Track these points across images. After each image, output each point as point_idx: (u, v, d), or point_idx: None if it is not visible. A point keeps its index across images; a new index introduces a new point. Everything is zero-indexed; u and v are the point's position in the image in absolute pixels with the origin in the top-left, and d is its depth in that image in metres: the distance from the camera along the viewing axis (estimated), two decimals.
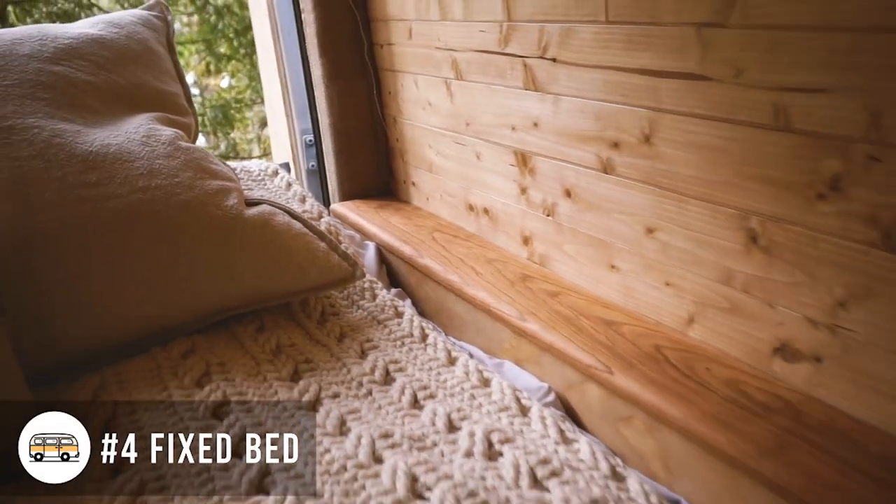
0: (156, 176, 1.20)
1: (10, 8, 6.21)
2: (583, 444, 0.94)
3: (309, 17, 1.80)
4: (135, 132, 1.26)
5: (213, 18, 6.40)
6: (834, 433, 0.85)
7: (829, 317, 0.87)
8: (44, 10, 6.64)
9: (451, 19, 1.44)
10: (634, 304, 1.17)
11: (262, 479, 0.87)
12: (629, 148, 1.09)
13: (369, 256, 1.65)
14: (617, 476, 0.88)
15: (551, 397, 1.13)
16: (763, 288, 0.94)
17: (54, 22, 6.59)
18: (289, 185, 1.76)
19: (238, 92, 7.21)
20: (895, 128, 0.74)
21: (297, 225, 1.33)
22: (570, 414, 1.13)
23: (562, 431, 0.97)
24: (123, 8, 7.19)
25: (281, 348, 1.21)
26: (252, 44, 6.94)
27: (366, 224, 1.75)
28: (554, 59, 1.19)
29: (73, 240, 1.10)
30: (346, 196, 1.93)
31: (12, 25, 6.14)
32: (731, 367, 1.00)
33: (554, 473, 0.86)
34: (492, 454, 0.91)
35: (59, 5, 6.72)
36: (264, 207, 1.31)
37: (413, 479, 0.85)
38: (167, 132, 1.30)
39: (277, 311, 1.32)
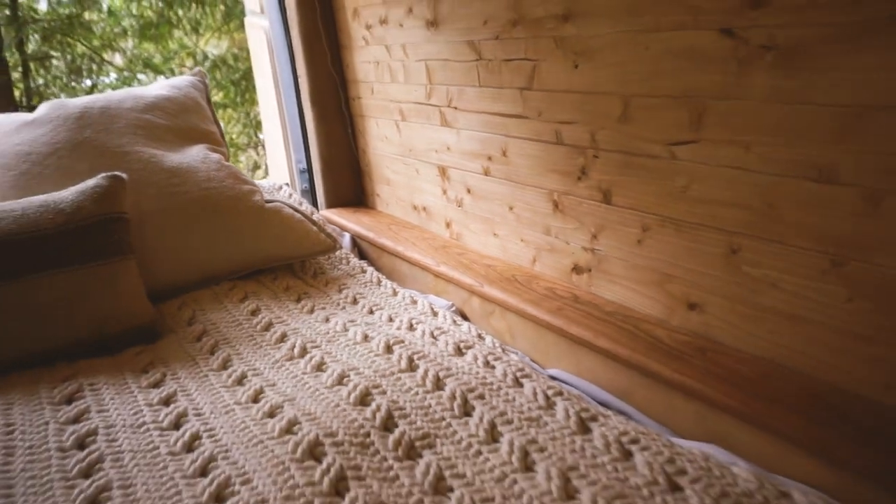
0: (211, 181, 1.90)
1: (31, 64, 6.92)
2: (465, 324, 1.63)
3: (303, 79, 2.50)
4: (195, 155, 1.96)
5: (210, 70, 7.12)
6: (594, 306, 1.54)
7: (591, 245, 1.56)
8: (60, 65, 7.35)
9: (397, 82, 2.15)
10: (506, 256, 1.86)
11: (321, 365, 1.55)
12: (496, 160, 1.79)
13: (346, 241, 2.34)
14: (480, 337, 1.56)
15: (453, 308, 1.82)
16: (563, 234, 1.64)
17: (72, 75, 7.31)
18: (290, 195, 2.46)
19: (234, 136, 7.90)
20: (603, 141, 1.44)
21: (298, 215, 2.02)
22: (463, 315, 1.82)
23: (454, 321, 1.66)
24: (132, 64, 7.89)
25: (289, 288, 1.90)
26: (244, 92, 7.64)
27: (344, 222, 2.43)
28: (455, 108, 1.89)
29: (164, 218, 1.79)
30: (330, 205, 2.61)
31: (33, 79, 6.85)
32: (551, 281, 1.69)
33: (445, 334, 1.55)
34: (412, 328, 1.60)
35: (75, 62, 7.43)
36: (277, 204, 2.01)
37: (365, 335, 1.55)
38: (215, 156, 2.00)
39: (285, 268, 2.02)
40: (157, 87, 2.17)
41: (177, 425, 1.23)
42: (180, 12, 7.46)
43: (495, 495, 1.01)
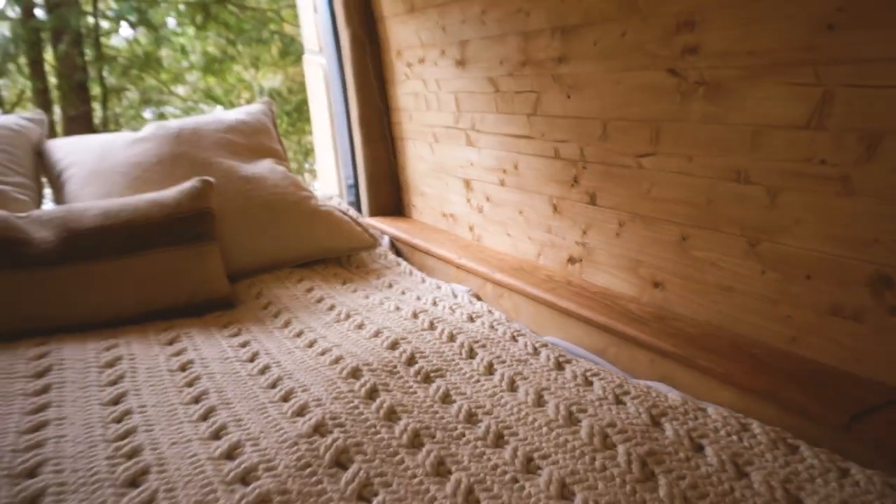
0: (277, 187, 2.29)
1: (109, 95, 7.50)
2: (479, 303, 1.98)
3: (353, 108, 2.89)
4: (264, 167, 2.36)
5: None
6: (582, 289, 1.88)
7: (581, 240, 1.90)
8: (133, 97, 7.93)
9: (431, 110, 2.53)
10: (516, 251, 2.21)
11: (361, 325, 1.92)
12: (510, 172, 2.15)
13: (385, 242, 2.71)
14: (490, 312, 1.91)
15: (470, 292, 2.17)
16: (560, 231, 1.98)
17: (146, 101, 7.88)
18: (339, 203, 2.84)
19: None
20: (589, 155, 1.79)
21: (346, 218, 2.40)
22: (478, 298, 2.16)
23: (470, 300, 2.01)
24: (194, 95, 8.42)
25: (337, 274, 2.27)
26: (296, 122, 8.11)
27: (384, 227, 2.81)
28: (478, 130, 2.26)
29: (239, 216, 2.18)
30: (373, 214, 2.99)
31: (110, 108, 7.43)
32: (551, 270, 2.03)
33: (461, 308, 1.90)
34: (435, 304, 1.95)
35: (146, 94, 8.01)
36: (329, 208, 2.39)
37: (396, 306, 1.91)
38: (280, 168, 2.39)
39: (334, 260, 2.39)
40: (235, 113, 2.58)
41: (252, 359, 1.60)
42: (241, 49, 7.98)
43: (486, 404, 1.35)
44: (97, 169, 2.20)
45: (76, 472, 1.11)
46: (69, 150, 2.32)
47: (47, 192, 2.37)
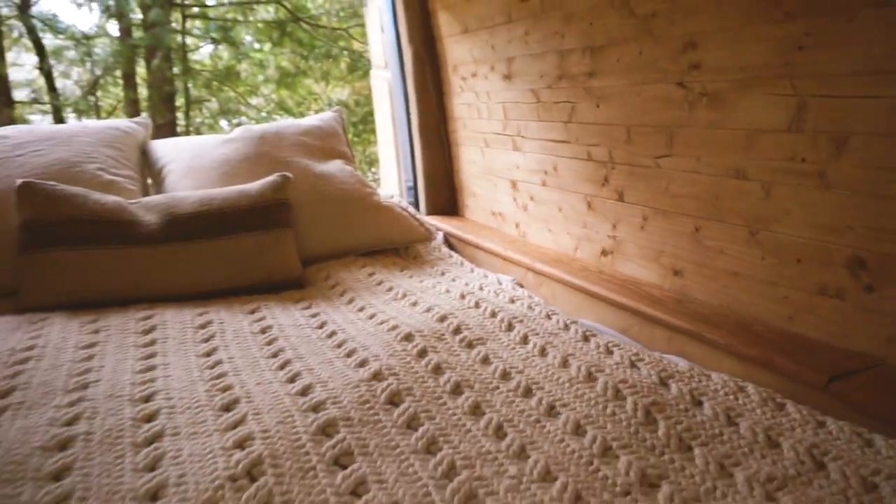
0: (345, 184, 2.52)
1: (192, 106, 7.93)
2: (521, 290, 2.16)
3: (414, 117, 3.11)
4: (334, 166, 2.59)
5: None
6: (612, 277, 2.05)
7: (612, 234, 2.07)
8: (212, 107, 8.35)
9: (482, 119, 2.73)
10: (556, 246, 2.39)
11: (415, 303, 2.14)
12: (550, 174, 2.33)
13: (439, 238, 2.91)
14: (530, 297, 2.09)
15: (514, 280, 2.36)
16: (594, 226, 2.16)
17: (224, 112, 8.28)
18: (399, 202, 3.06)
19: None
20: (617, 157, 1.97)
21: (405, 213, 2.62)
22: (520, 286, 2.34)
23: (513, 287, 2.19)
24: (267, 105, 8.77)
25: (395, 263, 2.48)
26: (361, 133, 8.41)
27: (439, 224, 3.01)
28: (523, 136, 2.45)
29: (312, 208, 2.41)
30: (429, 213, 3.19)
31: (191, 118, 7.85)
32: (586, 262, 2.21)
33: (504, 292, 2.09)
34: (481, 289, 2.15)
35: (223, 105, 8.41)
36: (390, 203, 2.61)
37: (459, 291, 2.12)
38: (348, 168, 2.63)
39: (393, 251, 2.60)
40: (310, 119, 2.83)
41: (321, 326, 1.81)
42: (313, 64, 8.32)
43: (519, 366, 1.54)
44: (193, 165, 2.47)
45: (182, 399, 1.35)
46: (169, 150, 2.60)
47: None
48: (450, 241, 2.94)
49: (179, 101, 7.33)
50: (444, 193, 3.19)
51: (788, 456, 1.17)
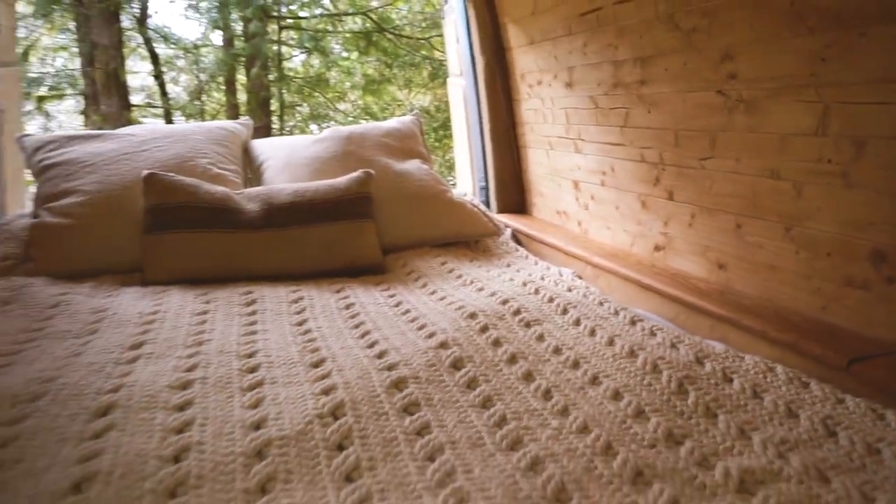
0: (422, 181, 2.69)
1: (285, 111, 8.29)
2: (578, 281, 2.29)
3: (486, 122, 3.26)
4: (412, 165, 2.77)
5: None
6: (663, 271, 2.15)
7: (664, 230, 2.18)
8: (303, 111, 8.69)
9: (547, 123, 2.87)
10: (614, 242, 2.50)
11: (481, 289, 2.31)
12: (608, 174, 2.45)
13: (508, 234, 3.06)
14: (587, 288, 2.22)
15: (573, 272, 2.48)
16: (648, 224, 2.26)
17: (314, 116, 8.61)
18: (471, 199, 3.23)
19: None
20: (667, 159, 2.07)
21: (476, 209, 2.78)
22: (579, 277, 2.47)
23: (572, 278, 2.32)
24: (353, 111, 9.04)
25: (465, 255, 2.64)
26: (441, 138, 8.60)
27: (508, 221, 3.15)
28: (583, 140, 2.58)
29: (391, 202, 2.60)
30: (500, 211, 3.33)
31: (284, 121, 8.22)
32: (640, 257, 2.31)
33: (563, 282, 2.22)
34: (542, 279, 2.29)
35: (313, 110, 8.75)
36: (463, 199, 2.77)
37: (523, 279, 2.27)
38: (425, 167, 2.81)
39: (463, 244, 2.76)
40: (391, 122, 3.02)
41: (397, 305, 1.99)
42: (396, 72, 8.57)
43: (570, 343, 1.68)
44: (288, 162, 2.70)
45: (279, 357, 1.55)
46: (267, 148, 2.85)
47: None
48: (518, 238, 3.08)
49: (274, 105, 7.70)
50: (514, 193, 3.33)
51: (804, 425, 1.28)
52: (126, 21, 6.58)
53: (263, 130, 7.23)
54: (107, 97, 6.11)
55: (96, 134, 2.62)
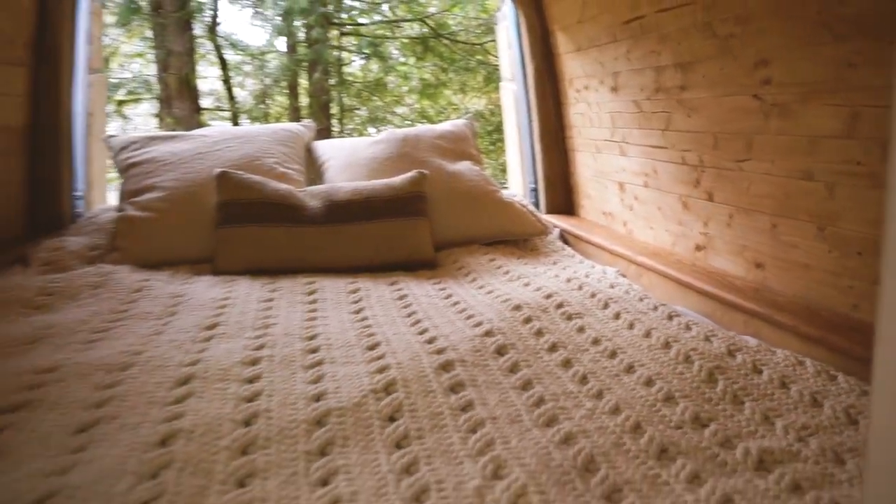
0: (472, 181, 2.79)
1: (345, 114, 8.50)
2: (621, 279, 2.36)
3: (535, 125, 3.34)
4: (464, 166, 2.87)
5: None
6: (703, 269, 2.20)
7: (704, 230, 2.23)
8: (362, 115, 8.89)
9: (594, 127, 2.93)
10: (656, 241, 2.56)
11: (527, 284, 2.40)
12: (651, 176, 2.50)
13: (556, 233, 3.13)
14: (630, 285, 2.29)
15: (617, 270, 2.54)
16: (688, 224, 2.31)
17: (372, 120, 8.79)
18: (520, 199, 3.31)
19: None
20: (706, 161, 2.12)
21: (524, 209, 2.86)
22: (622, 275, 2.53)
23: (615, 276, 2.39)
24: (410, 114, 9.15)
25: (513, 253, 2.72)
26: (495, 142, 8.68)
27: (556, 221, 3.22)
28: (628, 143, 2.64)
29: (444, 201, 2.70)
30: (549, 212, 3.40)
31: (344, 124, 8.42)
32: (681, 256, 2.36)
33: (606, 279, 2.29)
34: (587, 276, 2.36)
35: (371, 113, 8.93)
36: (512, 199, 2.86)
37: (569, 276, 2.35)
38: (476, 168, 2.90)
39: (512, 242, 2.85)
40: (444, 125, 3.13)
41: (447, 297, 2.10)
42: (452, 76, 8.68)
43: (609, 335, 1.75)
44: (348, 162, 2.83)
45: (337, 340, 1.67)
46: (328, 149, 2.99)
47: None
48: (565, 238, 3.15)
49: (334, 108, 7.91)
50: (562, 194, 3.39)
51: (827, 413, 1.33)
52: (197, 29, 6.87)
53: (323, 133, 7.43)
54: (179, 101, 6.39)
55: (174, 135, 2.80)
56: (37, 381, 1.35)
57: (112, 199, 3.22)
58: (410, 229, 2.48)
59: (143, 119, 7.65)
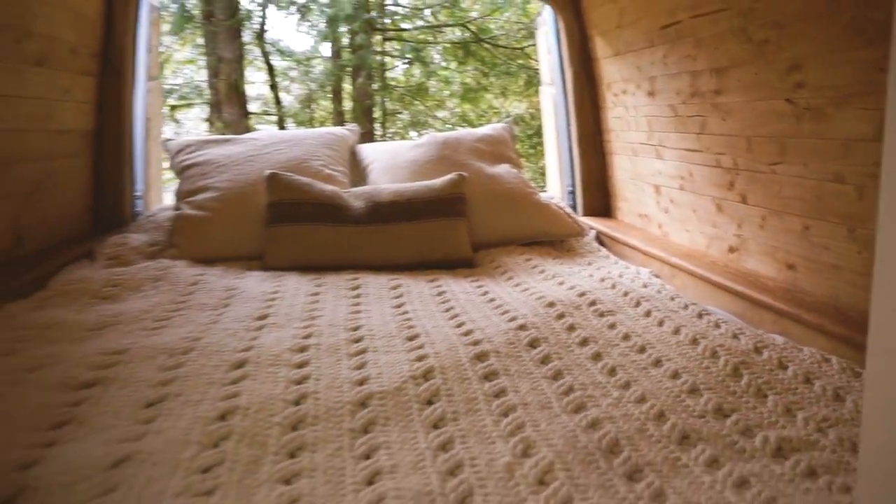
0: (510, 183, 2.87)
1: (387, 118, 8.64)
2: (654, 279, 2.41)
3: (573, 128, 3.40)
4: (502, 169, 2.96)
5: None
6: (736, 271, 2.24)
7: (738, 232, 2.27)
8: (404, 119, 9.02)
9: (631, 130, 2.98)
10: (691, 243, 2.60)
11: (562, 283, 2.48)
12: (686, 179, 2.55)
13: (592, 235, 3.19)
14: (663, 285, 2.34)
15: (651, 271, 2.60)
16: (722, 226, 2.36)
17: (414, 124, 8.91)
18: (557, 202, 3.38)
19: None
20: (740, 164, 2.16)
21: (561, 211, 2.93)
22: (656, 276, 2.58)
23: (649, 276, 2.44)
24: (451, 118, 9.24)
25: (549, 253, 2.80)
26: (535, 146, 8.71)
27: (592, 223, 3.28)
28: (664, 146, 2.69)
29: (482, 203, 2.78)
30: (586, 214, 3.45)
31: (386, 128, 8.56)
32: (715, 258, 2.41)
33: (640, 279, 2.35)
34: (620, 276, 2.42)
35: (413, 117, 9.05)
36: (549, 201, 2.93)
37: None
38: (514, 170, 2.98)
39: (548, 243, 2.92)
40: (484, 128, 3.22)
41: (483, 294, 2.18)
42: (493, 80, 8.76)
43: (639, 331, 1.82)
44: (390, 164, 2.94)
45: (379, 331, 1.77)
46: (372, 152, 3.11)
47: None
48: (601, 239, 3.21)
49: (377, 113, 8.06)
50: (599, 197, 3.45)
51: (848, 407, 1.38)
52: (246, 36, 7.08)
53: (366, 136, 7.58)
54: (228, 106, 6.61)
55: (226, 138, 2.95)
56: (108, 361, 1.48)
57: (167, 199, 3.39)
58: (450, 229, 2.57)
59: (193, 123, 7.92)
